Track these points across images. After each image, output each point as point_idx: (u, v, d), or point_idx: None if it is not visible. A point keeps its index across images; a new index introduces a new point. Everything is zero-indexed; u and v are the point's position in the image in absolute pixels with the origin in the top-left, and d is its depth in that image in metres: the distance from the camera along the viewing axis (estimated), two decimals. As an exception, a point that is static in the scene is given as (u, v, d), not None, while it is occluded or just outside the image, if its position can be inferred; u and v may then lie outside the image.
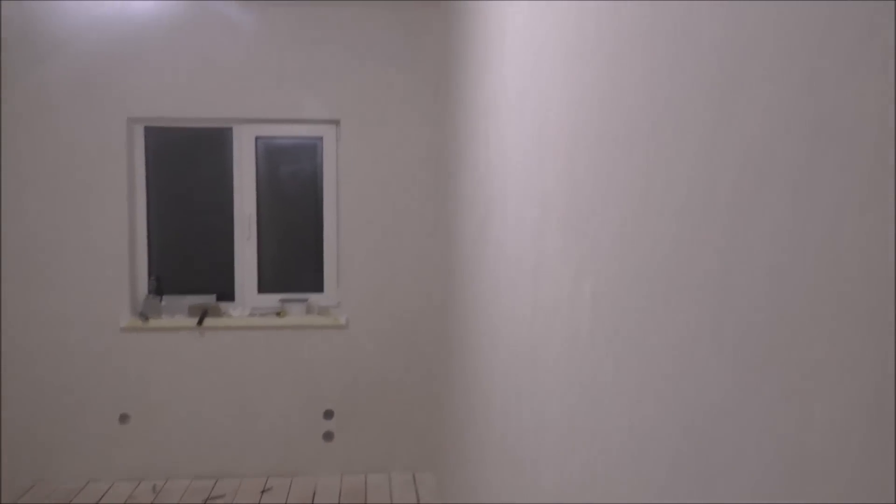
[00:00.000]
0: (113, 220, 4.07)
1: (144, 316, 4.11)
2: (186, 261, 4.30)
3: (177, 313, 4.19)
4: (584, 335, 1.37)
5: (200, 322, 4.10)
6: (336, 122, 4.20)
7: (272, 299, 4.28)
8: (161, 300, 4.18)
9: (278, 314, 4.21)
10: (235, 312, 4.21)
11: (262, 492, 4.04)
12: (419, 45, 4.13)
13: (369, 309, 4.21)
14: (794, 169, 0.74)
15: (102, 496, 3.98)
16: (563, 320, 1.52)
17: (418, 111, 4.15)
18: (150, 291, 4.20)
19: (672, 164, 1.03)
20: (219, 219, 4.28)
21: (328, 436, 4.26)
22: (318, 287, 4.33)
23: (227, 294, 4.29)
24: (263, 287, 4.32)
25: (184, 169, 4.28)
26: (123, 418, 4.15)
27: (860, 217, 0.64)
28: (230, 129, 4.23)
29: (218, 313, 4.17)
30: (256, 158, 4.27)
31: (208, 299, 4.23)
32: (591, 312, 1.34)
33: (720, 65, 0.91)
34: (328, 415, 4.25)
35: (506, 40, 2.24)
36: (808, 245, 0.71)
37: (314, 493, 4.04)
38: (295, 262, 4.37)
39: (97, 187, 4.05)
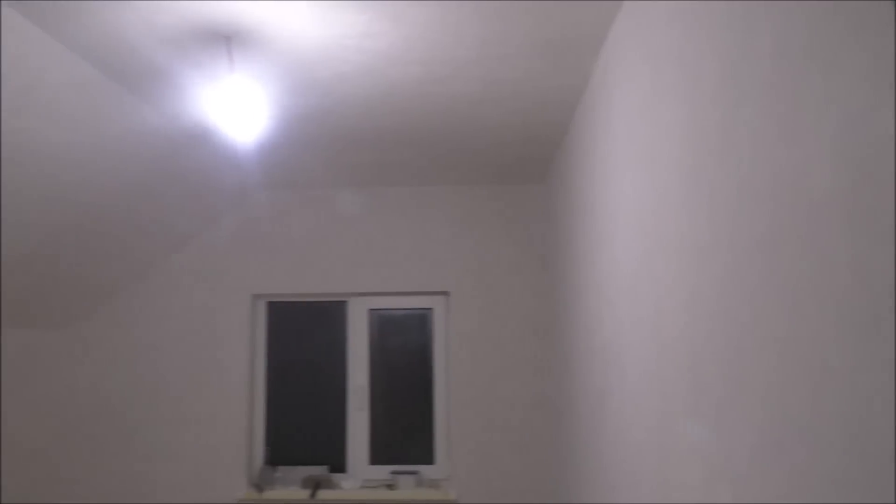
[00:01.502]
0: (234, 390, 4.24)
1: (260, 487, 4.16)
2: (300, 430, 4.38)
3: (290, 485, 4.21)
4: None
5: (313, 494, 4.10)
6: (446, 294, 4.32)
7: (383, 471, 4.26)
8: (276, 470, 4.24)
9: (389, 487, 4.16)
10: (347, 484, 4.20)
11: None
12: (525, 219, 4.27)
13: (480, 483, 4.10)
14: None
15: None
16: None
17: (527, 283, 4.22)
18: (265, 461, 4.27)
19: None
20: (332, 388, 4.39)
21: None
22: (428, 458, 4.29)
23: (338, 464, 4.31)
24: (375, 458, 4.31)
25: (301, 340, 4.47)
26: None
27: None
28: (345, 302, 4.42)
29: (330, 485, 4.17)
30: (370, 330, 4.42)
31: (321, 470, 4.25)
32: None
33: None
34: None
35: (618, 224, 2.30)
36: None
37: None
38: (406, 433, 4.37)
39: (222, 360, 4.26)
